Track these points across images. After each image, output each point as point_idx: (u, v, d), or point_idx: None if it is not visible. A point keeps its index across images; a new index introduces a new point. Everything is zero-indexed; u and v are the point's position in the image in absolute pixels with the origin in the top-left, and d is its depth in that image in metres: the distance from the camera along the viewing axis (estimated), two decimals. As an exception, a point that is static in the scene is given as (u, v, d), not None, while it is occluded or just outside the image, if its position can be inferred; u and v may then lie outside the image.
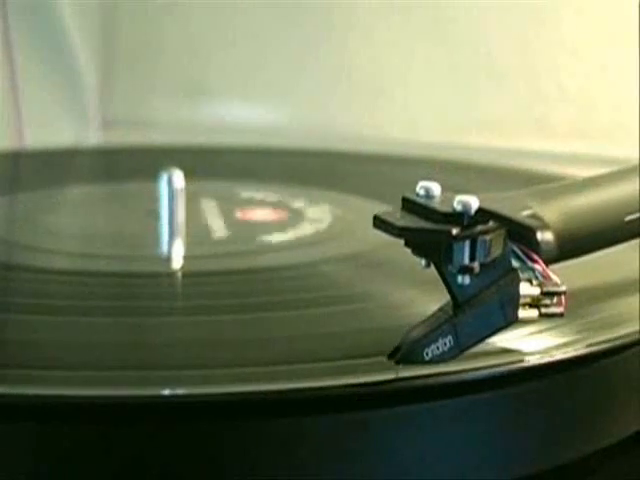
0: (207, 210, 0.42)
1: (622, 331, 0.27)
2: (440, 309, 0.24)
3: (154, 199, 0.39)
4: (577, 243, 0.26)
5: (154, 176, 0.39)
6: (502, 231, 0.24)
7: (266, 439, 0.23)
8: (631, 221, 0.27)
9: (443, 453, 0.24)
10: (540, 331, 0.27)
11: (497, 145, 0.59)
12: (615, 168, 0.29)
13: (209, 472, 0.23)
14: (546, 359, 0.25)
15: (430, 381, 0.24)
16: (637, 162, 0.29)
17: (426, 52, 0.65)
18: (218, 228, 0.40)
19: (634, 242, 0.28)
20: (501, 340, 0.26)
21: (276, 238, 0.38)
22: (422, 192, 0.25)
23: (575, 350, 0.26)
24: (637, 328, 0.27)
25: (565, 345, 0.26)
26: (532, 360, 0.25)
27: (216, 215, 0.42)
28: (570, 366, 0.26)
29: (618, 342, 0.27)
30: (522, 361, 0.25)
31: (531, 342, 0.26)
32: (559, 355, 0.26)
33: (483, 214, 0.24)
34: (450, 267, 0.24)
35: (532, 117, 0.62)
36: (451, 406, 0.24)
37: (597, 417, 0.27)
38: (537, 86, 0.62)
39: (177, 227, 0.38)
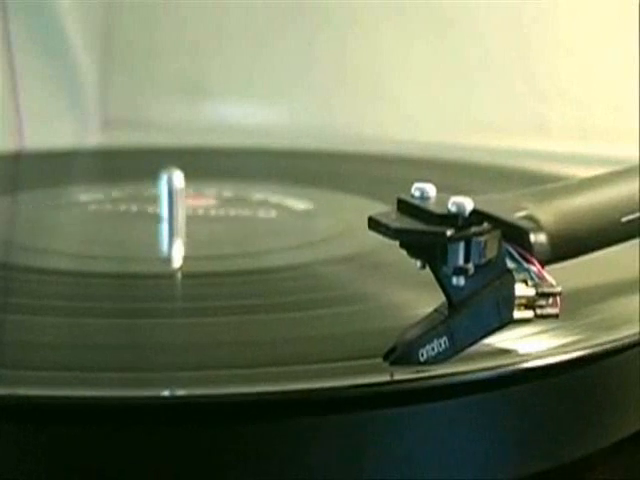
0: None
1: (622, 332, 0.27)
2: (435, 310, 0.24)
3: (154, 199, 0.39)
4: (573, 244, 0.26)
5: (154, 176, 0.39)
6: (497, 232, 0.24)
7: (261, 440, 0.23)
8: (628, 222, 0.27)
9: (439, 454, 0.24)
10: (539, 332, 0.27)
11: (497, 145, 0.59)
12: (614, 168, 0.29)
13: (207, 473, 0.23)
14: (544, 360, 0.25)
15: (425, 383, 0.24)
16: (634, 162, 0.29)
17: (426, 52, 0.65)
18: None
19: (634, 242, 0.28)
20: (499, 341, 0.26)
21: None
22: (417, 193, 0.25)
23: (575, 351, 0.26)
24: (637, 329, 0.27)
25: (564, 346, 0.26)
26: (530, 361, 0.25)
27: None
28: (570, 367, 0.26)
29: (618, 343, 0.26)
30: (520, 362, 0.25)
31: (529, 343, 0.26)
32: (558, 356, 0.25)
33: (478, 215, 0.24)
34: (445, 268, 0.24)
35: (531, 117, 0.62)
36: (447, 407, 0.24)
37: (597, 418, 0.27)
38: (536, 86, 0.62)
39: (177, 227, 0.38)
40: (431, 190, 0.25)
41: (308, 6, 0.67)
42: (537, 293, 0.25)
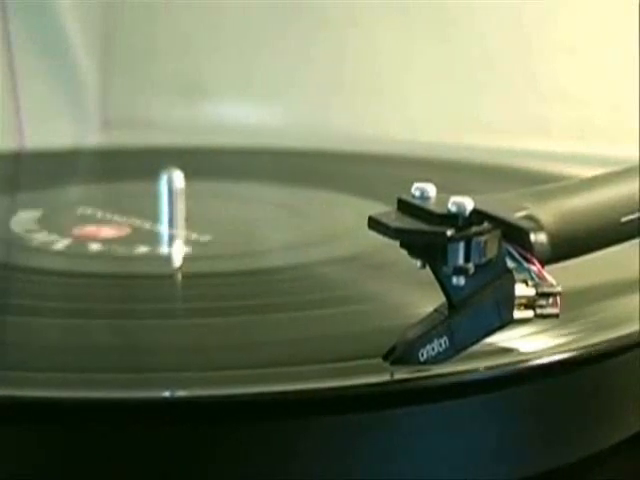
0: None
1: (622, 332, 0.27)
2: (435, 310, 0.24)
3: (154, 199, 0.39)
4: (573, 244, 0.26)
5: (154, 176, 0.39)
6: (497, 232, 0.24)
7: (261, 440, 0.23)
8: (627, 222, 0.27)
9: (439, 454, 0.24)
10: (539, 332, 0.27)
11: (497, 145, 0.59)
12: (614, 168, 0.29)
13: (208, 473, 0.23)
14: (544, 360, 0.25)
15: (425, 383, 0.24)
16: (634, 163, 0.29)
17: (425, 52, 0.65)
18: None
19: (634, 242, 0.28)
20: (499, 341, 0.26)
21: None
22: (417, 193, 0.25)
23: (575, 351, 0.26)
24: (637, 329, 0.27)
25: (564, 346, 0.26)
26: (530, 361, 0.25)
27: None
28: (570, 367, 0.26)
29: (618, 343, 0.26)
30: (520, 362, 0.25)
31: (530, 343, 0.26)
32: (558, 356, 0.26)
33: (478, 215, 0.24)
34: (445, 268, 0.24)
35: (532, 117, 0.62)
36: (447, 407, 0.24)
37: (597, 418, 0.27)
38: (537, 86, 0.62)
39: (177, 227, 0.38)
40: (431, 190, 0.25)
41: (307, 6, 0.67)
42: (537, 293, 0.24)
